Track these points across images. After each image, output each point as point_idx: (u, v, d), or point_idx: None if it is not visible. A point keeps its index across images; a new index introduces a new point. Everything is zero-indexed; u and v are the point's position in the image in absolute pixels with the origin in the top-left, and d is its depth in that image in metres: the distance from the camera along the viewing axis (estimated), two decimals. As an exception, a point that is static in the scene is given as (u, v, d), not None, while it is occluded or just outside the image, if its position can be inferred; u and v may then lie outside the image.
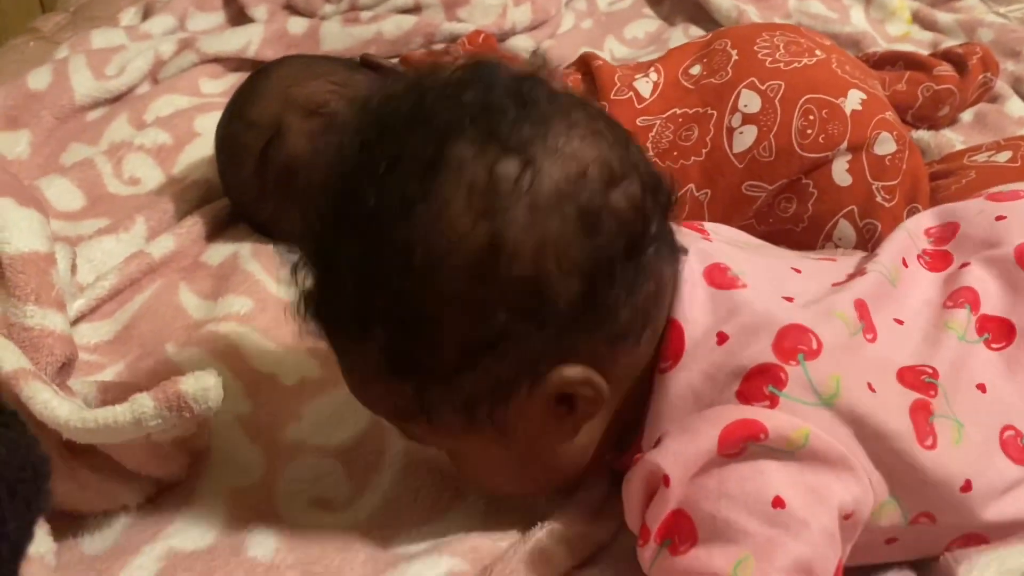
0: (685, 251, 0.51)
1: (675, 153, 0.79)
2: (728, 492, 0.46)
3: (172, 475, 0.58)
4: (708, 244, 0.55)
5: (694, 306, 0.50)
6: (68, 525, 0.55)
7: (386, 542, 0.55)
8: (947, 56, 0.96)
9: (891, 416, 0.49)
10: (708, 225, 0.60)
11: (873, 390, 0.49)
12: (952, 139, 0.90)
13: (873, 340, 0.51)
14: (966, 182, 0.76)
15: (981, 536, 0.51)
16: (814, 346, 0.49)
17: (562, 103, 0.48)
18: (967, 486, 0.49)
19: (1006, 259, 0.56)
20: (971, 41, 1.08)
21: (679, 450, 0.47)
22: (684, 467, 0.47)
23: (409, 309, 0.45)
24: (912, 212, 0.75)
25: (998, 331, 0.53)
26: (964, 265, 0.56)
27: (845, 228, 0.76)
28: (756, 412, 0.47)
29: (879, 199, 0.75)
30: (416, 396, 0.48)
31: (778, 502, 0.45)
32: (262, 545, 0.55)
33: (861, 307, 0.52)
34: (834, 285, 0.55)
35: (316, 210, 0.47)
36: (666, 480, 0.47)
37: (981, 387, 0.51)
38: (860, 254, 0.63)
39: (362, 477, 0.60)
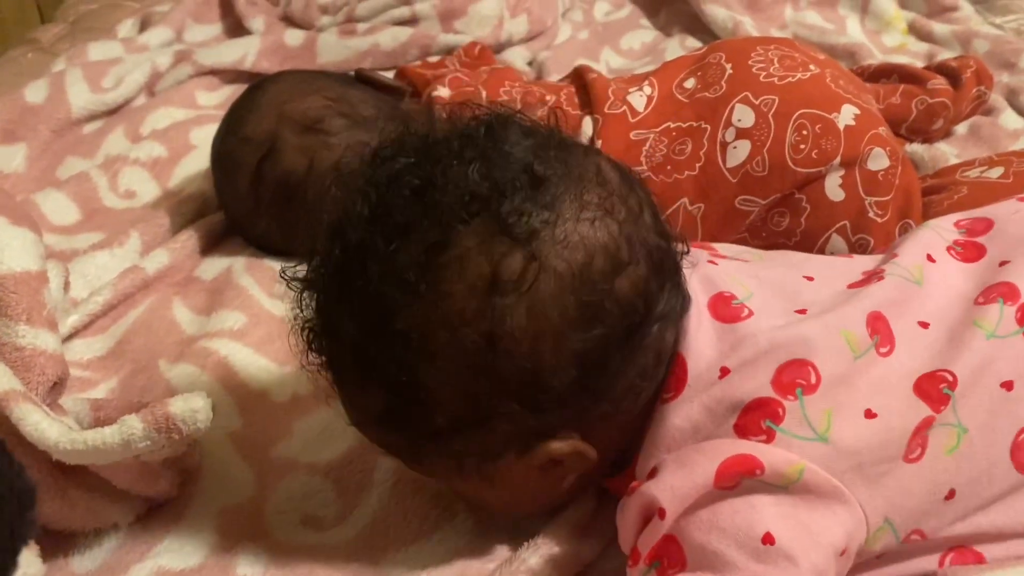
0: (689, 301, 0.51)
1: (668, 167, 0.79)
2: (719, 524, 0.46)
3: (162, 494, 0.58)
4: (713, 268, 0.54)
5: (699, 340, 0.50)
6: (58, 544, 0.56)
7: (375, 561, 0.55)
8: (941, 69, 0.96)
9: (888, 438, 0.49)
10: (716, 244, 0.60)
11: (873, 415, 0.49)
12: (946, 152, 0.90)
13: (888, 353, 0.50)
14: (958, 198, 0.76)
15: (976, 553, 0.51)
16: (812, 380, 0.49)
17: (577, 175, 0.47)
18: (951, 495, 0.49)
19: None
20: (966, 53, 1.08)
21: (676, 484, 0.47)
22: (680, 501, 0.47)
23: (404, 384, 0.46)
24: (904, 228, 0.75)
25: None
26: (1003, 263, 0.55)
27: (838, 243, 0.76)
28: (752, 447, 0.47)
29: (872, 214, 0.75)
30: (407, 445, 0.50)
31: (768, 538, 0.45)
32: (251, 564, 0.55)
33: (875, 320, 0.51)
34: (850, 287, 0.54)
35: (322, 272, 0.48)
36: (661, 513, 0.47)
37: (1007, 385, 0.50)
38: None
39: (352, 495, 0.60)
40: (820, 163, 0.75)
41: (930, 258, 0.56)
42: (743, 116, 0.77)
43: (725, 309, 0.51)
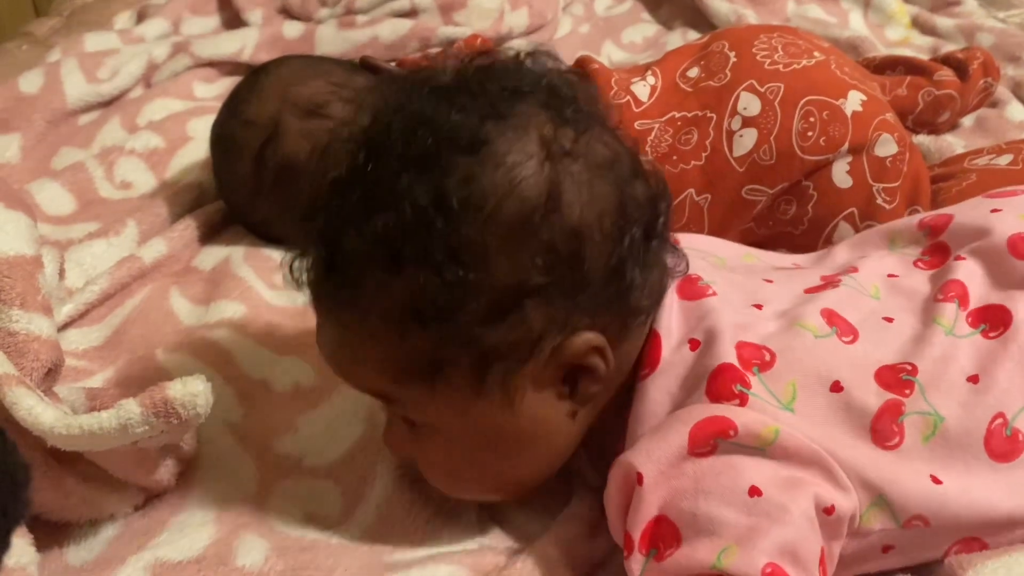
0: (678, 263, 0.54)
1: (674, 157, 0.78)
2: (704, 488, 0.46)
3: (160, 484, 0.57)
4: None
5: (671, 317, 0.52)
6: (52, 535, 0.54)
7: (380, 555, 0.54)
8: (948, 61, 0.95)
9: (850, 413, 0.49)
10: (681, 237, 0.60)
11: (841, 388, 0.50)
12: (953, 144, 0.90)
13: (852, 342, 0.52)
14: (967, 185, 0.75)
15: (980, 541, 0.51)
16: (767, 358, 0.50)
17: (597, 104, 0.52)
18: (936, 480, 0.49)
19: (998, 248, 0.56)
20: (971, 46, 1.08)
21: (651, 448, 0.48)
22: (656, 463, 0.47)
23: (457, 246, 0.45)
24: (913, 215, 0.74)
25: (994, 319, 0.53)
26: (958, 258, 0.57)
27: (845, 230, 0.75)
28: (726, 409, 0.48)
29: (880, 201, 0.74)
30: (432, 349, 0.47)
31: (754, 491, 0.46)
32: (251, 555, 0.53)
33: (831, 315, 0.53)
34: (807, 292, 0.55)
35: (379, 139, 0.47)
36: (639, 478, 0.47)
37: (973, 379, 0.51)
38: (834, 256, 0.63)
39: (356, 491, 0.58)
40: (828, 150, 0.74)
41: (891, 276, 0.57)
42: (749, 104, 0.76)
43: (692, 288, 0.54)
